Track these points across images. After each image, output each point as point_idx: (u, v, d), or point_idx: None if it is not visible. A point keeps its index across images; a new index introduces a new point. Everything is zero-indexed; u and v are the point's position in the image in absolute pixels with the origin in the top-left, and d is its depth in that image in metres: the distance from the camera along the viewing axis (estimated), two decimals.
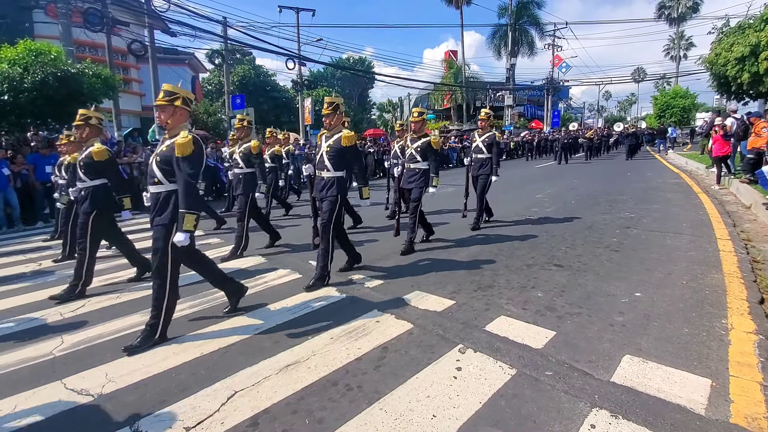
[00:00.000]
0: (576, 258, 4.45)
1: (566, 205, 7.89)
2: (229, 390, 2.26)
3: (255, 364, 2.52)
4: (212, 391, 2.26)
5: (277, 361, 2.55)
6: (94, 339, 2.98)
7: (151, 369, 2.54)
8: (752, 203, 6.89)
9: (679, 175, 12.50)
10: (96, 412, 2.14)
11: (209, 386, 2.30)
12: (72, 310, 3.56)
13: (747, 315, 2.93)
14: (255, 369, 2.46)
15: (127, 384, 2.37)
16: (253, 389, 2.25)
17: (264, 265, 4.70)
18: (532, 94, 40.49)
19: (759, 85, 9.89)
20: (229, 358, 2.62)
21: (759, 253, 4.46)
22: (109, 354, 2.73)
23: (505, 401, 2.08)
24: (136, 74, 25.87)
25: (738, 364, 2.33)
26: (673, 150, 23.18)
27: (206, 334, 2.98)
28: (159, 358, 2.66)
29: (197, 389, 2.28)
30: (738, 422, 1.87)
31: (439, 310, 3.22)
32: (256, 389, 2.25)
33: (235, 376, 2.39)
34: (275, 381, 2.32)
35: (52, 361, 2.70)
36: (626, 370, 2.30)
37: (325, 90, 34.59)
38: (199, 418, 2.02)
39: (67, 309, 3.59)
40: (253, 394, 2.21)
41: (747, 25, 10.23)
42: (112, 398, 2.24)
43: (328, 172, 3.88)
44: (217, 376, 2.40)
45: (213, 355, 2.67)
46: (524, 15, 34.44)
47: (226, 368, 2.49)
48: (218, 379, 2.36)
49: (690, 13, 39.46)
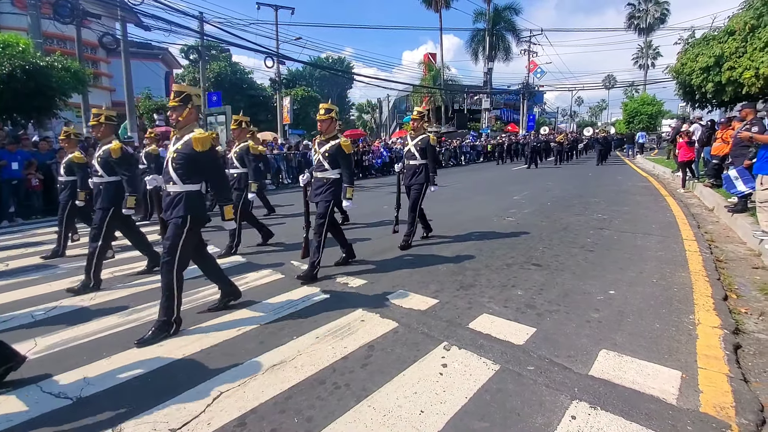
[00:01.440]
0: (553, 258, 4.59)
1: (542, 206, 8.11)
2: (214, 391, 2.22)
3: (240, 364, 2.49)
4: (197, 393, 2.22)
5: (263, 361, 2.53)
6: (70, 341, 2.87)
7: (131, 371, 2.47)
8: (715, 206, 7.29)
9: (648, 178, 13.06)
10: (75, 415, 2.07)
11: (193, 387, 2.26)
12: (44, 312, 3.42)
13: (712, 311, 3.10)
14: (240, 369, 2.43)
15: (107, 387, 2.30)
16: (239, 389, 2.23)
17: (246, 265, 4.64)
18: (508, 98, 41.37)
19: (722, 94, 10.43)
20: (213, 359, 2.58)
21: (722, 253, 4.72)
22: (86, 356, 2.64)
23: (490, 396, 2.14)
24: (107, 68, 24.97)
25: (705, 356, 2.47)
26: (642, 155, 24.19)
27: (188, 335, 2.92)
28: (140, 360, 2.60)
29: (181, 391, 2.24)
30: (708, 411, 1.98)
31: (423, 308, 3.27)
32: (243, 389, 2.23)
33: (220, 377, 2.35)
34: (262, 381, 2.31)
35: (26, 364, 2.59)
36: (603, 363, 2.41)
37: (303, 89, 34.33)
38: (184, 420, 1.99)
39: (39, 311, 3.44)
40: (239, 395, 2.19)
41: (711, 37, 10.78)
42: (92, 401, 2.17)
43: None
44: (202, 377, 2.37)
45: (196, 356, 2.62)
46: (501, 21, 35.18)
47: (211, 369, 2.45)
48: (203, 380, 2.33)
49: (658, 24, 41.28)
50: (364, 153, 17.19)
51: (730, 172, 5.99)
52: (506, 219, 6.87)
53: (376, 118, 51.18)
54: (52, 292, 3.89)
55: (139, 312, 3.35)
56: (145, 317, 3.22)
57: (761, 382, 2.25)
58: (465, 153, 24.64)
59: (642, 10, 41.72)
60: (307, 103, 33.65)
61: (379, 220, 7.14)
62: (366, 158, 17.18)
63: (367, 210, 8.28)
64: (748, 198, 6.02)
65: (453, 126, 36.27)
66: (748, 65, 8.99)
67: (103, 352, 2.70)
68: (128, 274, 4.42)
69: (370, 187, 12.96)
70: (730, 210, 6.21)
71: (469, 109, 39.43)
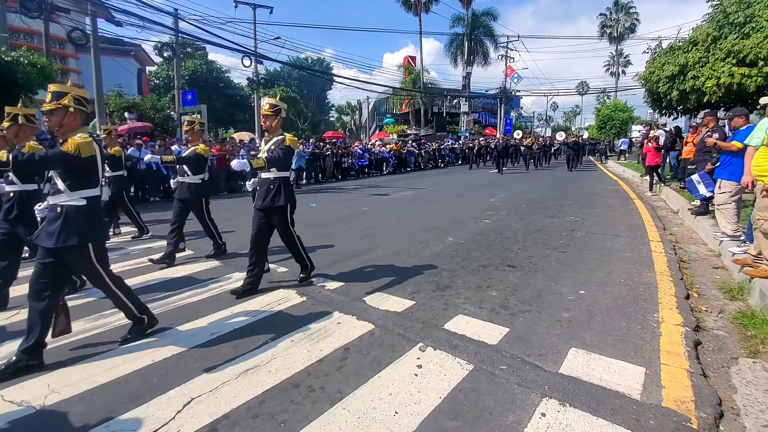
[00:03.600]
0: (527, 259, 4.70)
1: (518, 208, 8.28)
2: (185, 397, 2.18)
3: (212, 369, 2.44)
4: (167, 399, 2.17)
5: (236, 365, 2.49)
6: None
7: (98, 378, 2.39)
8: (679, 209, 7.61)
9: (618, 182, 13.53)
10: (38, 425, 1.99)
11: (163, 394, 2.21)
12: (6, 318, 3.26)
13: (675, 309, 3.24)
14: (213, 375, 2.39)
15: (72, 394, 2.22)
16: (211, 395, 2.19)
17: (220, 270, 4.55)
18: (486, 102, 42.07)
19: (686, 101, 10.91)
20: (184, 365, 2.52)
21: (685, 254, 4.94)
22: (50, 363, 2.53)
23: (463, 395, 2.17)
24: (76, 64, 24.05)
25: (668, 353, 2.58)
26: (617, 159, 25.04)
27: (159, 341, 2.85)
28: (107, 367, 2.51)
29: (150, 398, 2.18)
30: (669, 405, 2.07)
31: (400, 310, 3.29)
32: (215, 395, 2.19)
33: (191, 383, 2.30)
34: (234, 386, 2.27)
35: None
36: (572, 361, 2.48)
37: (282, 89, 33.95)
38: (153, 427, 1.93)
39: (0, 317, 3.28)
40: (211, 400, 2.14)
41: (677, 46, 11.27)
42: (56, 410, 2.09)
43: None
44: (172, 383, 2.31)
45: (166, 362, 2.56)
46: (479, 26, 35.82)
47: (182, 375, 2.39)
48: (173, 387, 2.27)
49: (628, 33, 42.87)
50: (344, 155, 17.14)
51: (693, 177, 6.27)
52: (483, 221, 6.98)
53: (356, 120, 51.14)
54: None
55: (106, 317, 3.23)
56: (114, 322, 3.11)
57: (719, 377, 2.37)
58: (444, 156, 24.92)
59: (613, 19, 43.23)
60: (286, 104, 33.32)
61: (358, 222, 7.14)
62: (345, 160, 17.13)
63: (345, 212, 8.26)
64: (709, 201, 6.32)
65: (432, 129, 36.62)
66: (710, 74, 9.44)
67: (71, 358, 2.60)
68: None
69: (349, 189, 12.93)
70: (693, 213, 6.50)
71: (448, 113, 39.91)
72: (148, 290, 3.77)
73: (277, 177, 3.76)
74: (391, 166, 19.75)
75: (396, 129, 35.80)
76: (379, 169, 19.21)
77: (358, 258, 4.85)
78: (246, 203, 9.95)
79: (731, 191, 4.88)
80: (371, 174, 18.34)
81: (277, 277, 4.17)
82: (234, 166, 3.57)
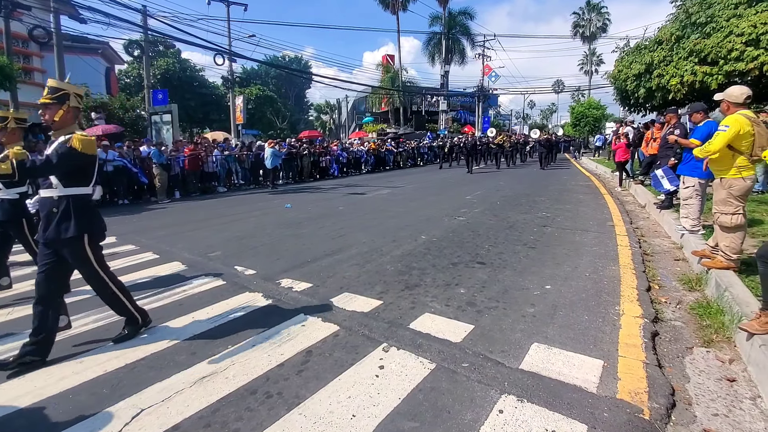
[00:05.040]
0: (497, 255, 4.73)
1: (492, 205, 8.36)
2: (134, 408, 2.09)
3: (166, 378, 2.35)
4: (115, 411, 2.07)
5: (192, 373, 2.40)
6: None
7: (44, 391, 2.27)
8: (646, 203, 7.83)
9: (590, 178, 13.84)
10: None
11: (112, 406, 2.11)
12: None
13: (636, 301, 3.31)
14: (166, 383, 2.30)
15: (14, 409, 2.10)
16: (162, 405, 2.10)
17: (184, 272, 4.41)
18: (464, 101, 42.47)
19: (652, 99, 11.25)
20: (137, 374, 2.42)
21: (649, 247, 5.07)
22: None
23: (423, 395, 2.15)
24: (40, 63, 23.04)
25: (626, 345, 2.62)
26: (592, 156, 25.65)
27: (113, 349, 2.73)
28: (55, 379, 2.40)
29: (98, 410, 2.08)
30: (623, 397, 2.10)
31: (367, 310, 3.25)
32: (166, 405, 2.10)
33: (142, 393, 2.21)
34: (188, 394, 2.19)
35: None
36: (533, 357, 2.49)
37: (258, 88, 33.47)
38: None
39: None
40: (162, 411, 2.06)
41: (643, 45, 11.60)
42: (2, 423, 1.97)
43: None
44: (123, 394, 2.21)
45: (119, 372, 2.45)
46: (456, 25, 36.10)
47: (133, 385, 2.30)
48: (123, 398, 2.18)
49: (600, 33, 43.95)
50: (321, 154, 16.99)
51: (657, 172, 6.44)
52: (457, 218, 7.02)
53: (335, 119, 50.85)
54: None
55: None
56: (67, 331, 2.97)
57: (674, 368, 2.42)
58: (423, 154, 25.01)
59: (586, 19, 44.25)
60: (262, 103, 32.87)
61: (331, 221, 7.07)
62: (323, 159, 16.99)
63: (320, 212, 8.18)
64: (674, 195, 6.51)
65: (411, 127, 36.73)
66: (674, 73, 9.75)
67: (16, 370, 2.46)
68: None
69: (326, 188, 12.82)
70: (659, 207, 6.69)
71: (426, 111, 40.11)
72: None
73: (62, 196, 2.56)
74: (369, 165, 19.71)
75: (375, 128, 35.76)
76: (357, 168, 19.15)
77: (329, 258, 4.79)
78: (219, 205, 9.78)
79: (694, 186, 5.02)
80: (350, 173, 18.25)
81: (243, 281, 4.07)
82: None
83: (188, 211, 9.11)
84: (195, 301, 3.57)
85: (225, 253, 5.14)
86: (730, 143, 3.48)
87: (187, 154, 11.81)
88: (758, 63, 8.24)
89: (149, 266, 4.66)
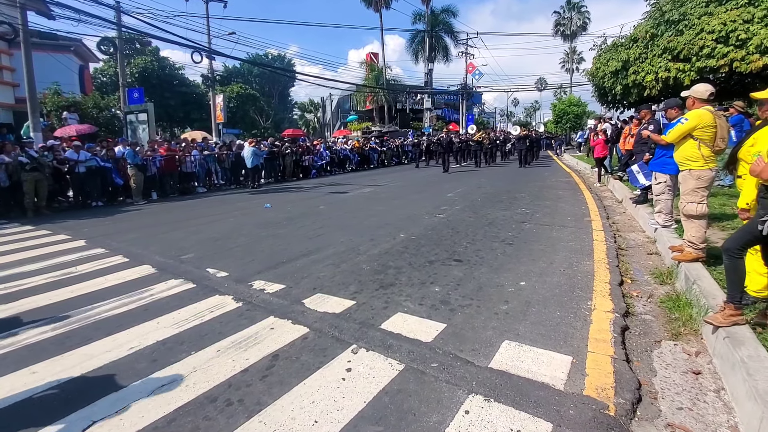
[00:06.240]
0: (475, 252, 4.71)
1: (473, 202, 8.37)
2: (85, 420, 1.98)
3: (122, 388, 2.25)
4: (65, 425, 1.97)
5: (151, 381, 2.30)
6: None
7: None
8: (623, 198, 7.94)
9: (570, 174, 14.01)
10: None
11: (61, 419, 2.00)
12: None
13: (608, 296, 3.32)
14: (121, 394, 2.19)
15: None
16: (115, 417, 2.00)
17: (153, 276, 4.27)
18: (448, 98, 42.58)
19: (629, 95, 11.45)
20: (91, 384, 2.31)
21: (624, 241, 5.12)
22: None
23: (389, 398, 2.10)
24: (9, 61, 22.20)
25: (596, 340, 2.62)
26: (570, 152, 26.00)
27: (68, 359, 2.61)
28: (4, 391, 2.27)
29: (46, 424, 1.97)
30: (590, 393, 2.09)
31: (338, 311, 3.19)
32: (119, 417, 2.01)
33: (95, 405, 2.10)
34: (144, 405, 2.09)
35: None
36: (503, 354, 2.47)
37: (240, 86, 32.95)
38: None
39: None
40: (114, 423, 1.96)
41: (620, 43, 11.78)
42: None
43: None
44: (74, 406, 2.10)
45: (72, 383, 2.33)
46: (439, 23, 36.14)
47: (86, 396, 2.18)
48: (74, 410, 2.07)
49: (580, 31, 44.67)
50: (304, 153, 16.81)
51: (633, 167, 6.53)
52: (437, 216, 6.99)
53: (320, 118, 50.50)
54: None
55: (15, 335, 2.94)
56: (23, 340, 2.83)
57: (642, 362, 2.43)
58: (408, 152, 24.98)
59: (567, 18, 44.90)
60: (244, 101, 32.37)
61: (311, 221, 6.97)
62: (306, 158, 16.81)
63: (300, 211, 8.06)
64: (649, 190, 6.60)
65: (396, 125, 36.68)
66: (649, 69, 9.93)
67: None
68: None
69: (308, 187, 12.68)
70: (634, 201, 6.78)
71: (411, 109, 40.09)
72: (72, 304, 3.49)
73: None
74: (354, 163, 19.60)
75: (360, 126, 35.63)
76: (341, 166, 19.01)
77: (305, 258, 4.70)
78: (197, 206, 9.60)
79: (666, 181, 5.09)
80: (333, 172, 18.11)
81: (214, 283, 3.96)
82: None
83: (164, 212, 8.89)
84: (162, 305, 3.44)
85: (198, 255, 5.01)
86: (694, 135, 3.59)
87: (162, 154, 11.52)
88: (728, 60, 8.43)
89: (117, 270, 4.49)
